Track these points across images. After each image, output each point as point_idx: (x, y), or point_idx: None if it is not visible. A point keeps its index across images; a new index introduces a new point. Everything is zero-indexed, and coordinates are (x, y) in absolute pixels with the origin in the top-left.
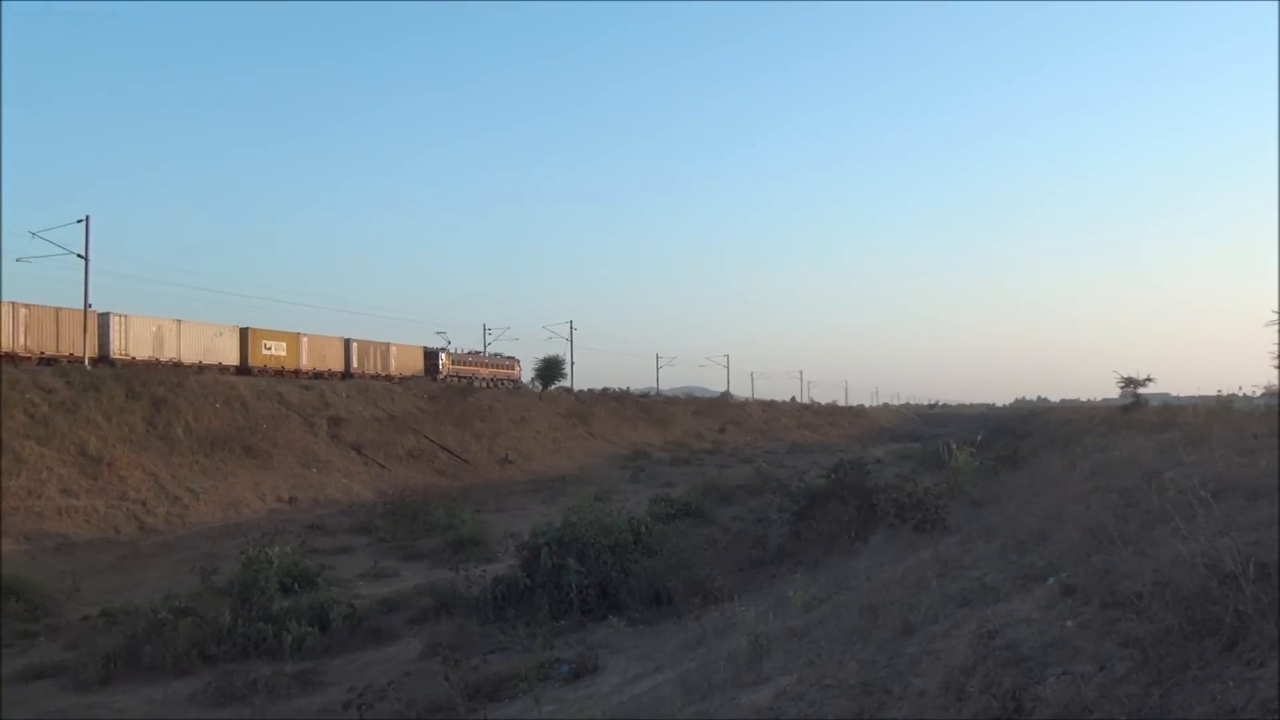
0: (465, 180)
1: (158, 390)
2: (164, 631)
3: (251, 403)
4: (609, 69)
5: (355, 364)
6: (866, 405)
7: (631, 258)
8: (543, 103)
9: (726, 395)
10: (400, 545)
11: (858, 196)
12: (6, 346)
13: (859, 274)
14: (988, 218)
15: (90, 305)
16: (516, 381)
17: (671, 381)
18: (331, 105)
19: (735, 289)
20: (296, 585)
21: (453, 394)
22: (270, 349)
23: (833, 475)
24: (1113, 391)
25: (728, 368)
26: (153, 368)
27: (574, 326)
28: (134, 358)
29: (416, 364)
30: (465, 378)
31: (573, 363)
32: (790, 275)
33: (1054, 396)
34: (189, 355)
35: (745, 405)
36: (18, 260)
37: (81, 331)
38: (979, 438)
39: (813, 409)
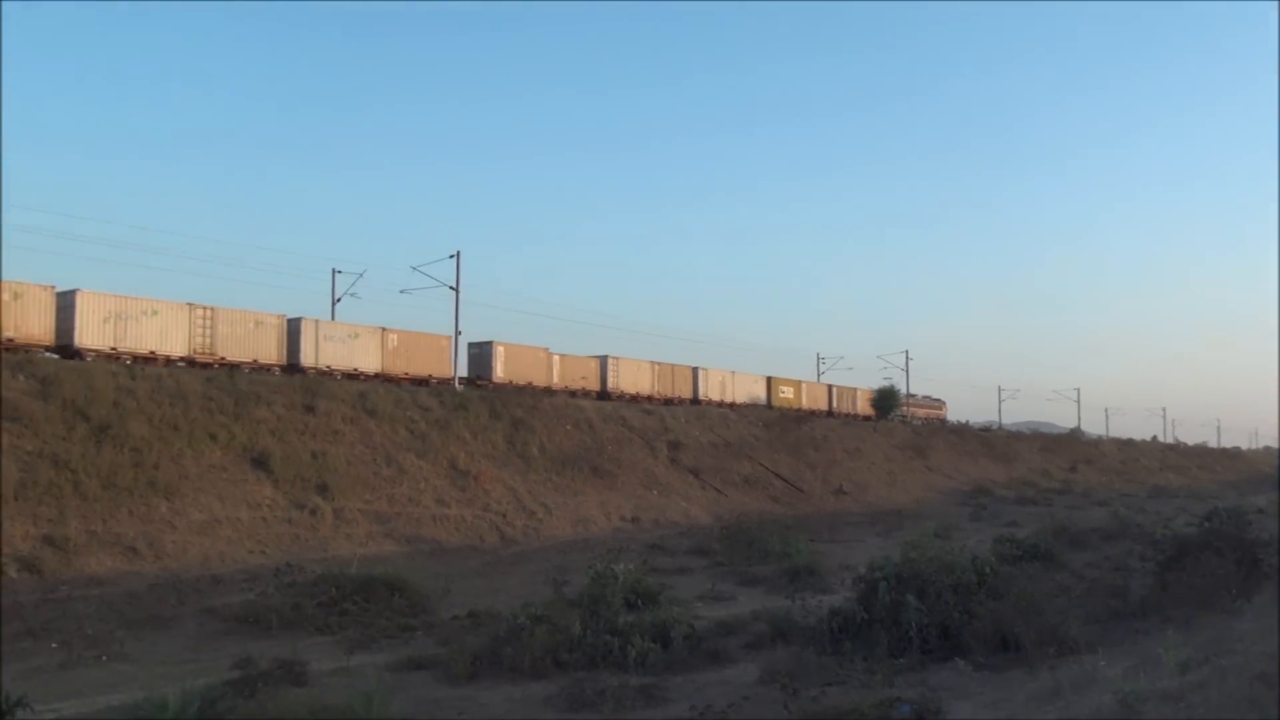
0: (804, 214)
1: (516, 411)
2: (522, 636)
3: (598, 425)
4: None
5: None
6: (1243, 448)
7: (970, 286)
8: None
9: (1077, 432)
10: (736, 570)
11: (1233, 209)
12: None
13: (1232, 301)
14: None
15: (460, 332)
16: (943, 422)
17: (1014, 416)
18: (682, 138)
19: (1085, 319)
20: (640, 602)
21: (787, 422)
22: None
23: (1206, 524)
24: None
25: (1078, 402)
26: (516, 390)
27: (909, 356)
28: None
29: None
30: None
31: (909, 394)
32: (1148, 304)
33: None
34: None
35: (1098, 443)
36: (401, 292)
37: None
38: None
39: (1178, 450)
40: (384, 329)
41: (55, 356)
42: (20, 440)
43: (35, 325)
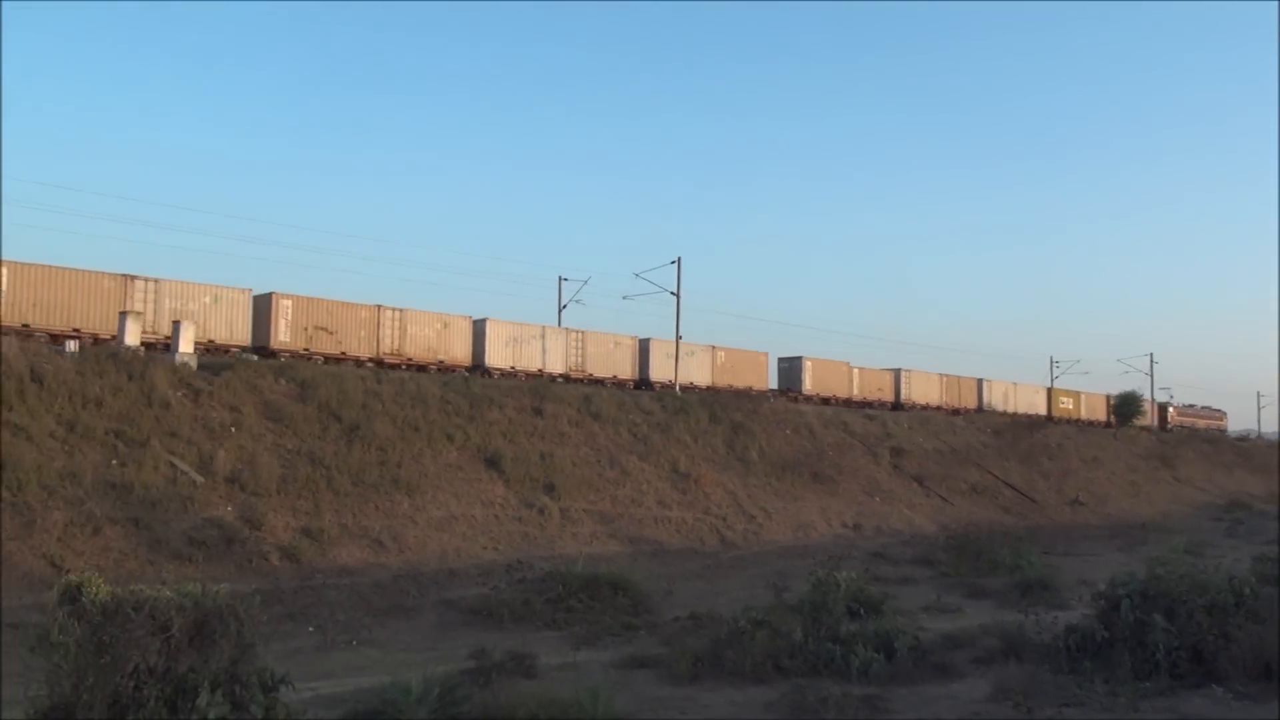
0: (1025, 205)
1: (736, 415)
2: (743, 639)
3: (818, 430)
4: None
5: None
6: None
7: (1223, 281)
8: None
9: None
10: (963, 581)
11: None
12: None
13: None
14: None
15: (680, 337)
16: (1223, 432)
17: (1275, 424)
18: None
19: None
20: (862, 610)
21: (1018, 429)
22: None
23: None
24: None
25: None
26: (735, 395)
27: (1154, 360)
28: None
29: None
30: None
31: (1154, 401)
32: None
33: None
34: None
35: None
36: (623, 298)
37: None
38: None
39: None
40: (714, 347)
41: (467, 372)
42: (282, 439)
43: (458, 349)
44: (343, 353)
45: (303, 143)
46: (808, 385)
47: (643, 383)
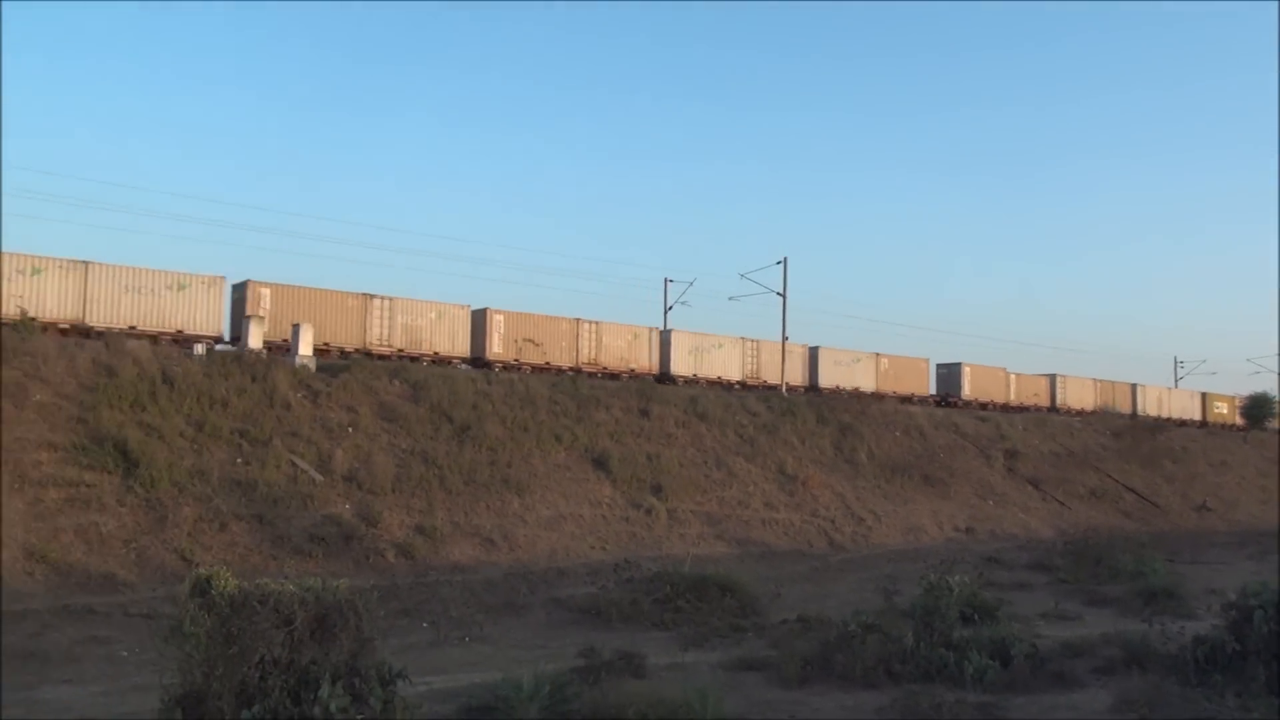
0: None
1: (844, 417)
2: (853, 643)
3: (929, 432)
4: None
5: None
6: None
7: None
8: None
9: None
10: (1082, 588)
11: None
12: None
13: None
14: None
15: (786, 338)
16: None
17: None
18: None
19: None
20: (976, 616)
21: (1140, 431)
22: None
23: None
24: None
25: None
26: (844, 396)
27: None
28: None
29: None
30: None
31: None
32: None
33: None
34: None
35: None
36: (729, 299)
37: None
38: None
39: None
40: (878, 354)
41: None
42: (396, 439)
43: (646, 359)
44: (547, 363)
45: (415, 147)
46: (966, 391)
47: (812, 388)
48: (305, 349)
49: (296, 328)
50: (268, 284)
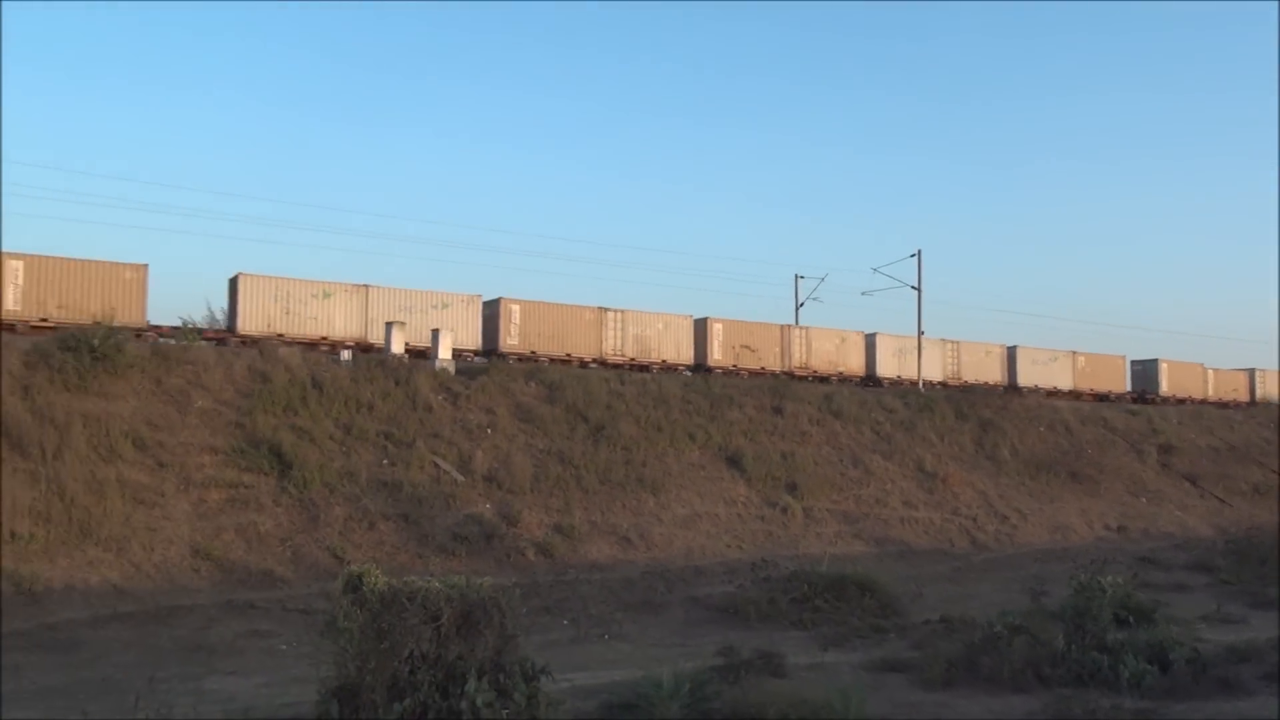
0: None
1: (984, 412)
2: (999, 646)
3: (1075, 427)
4: None
5: None
6: None
7: None
8: None
9: None
10: (1245, 589)
11: None
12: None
13: None
14: None
15: (922, 332)
16: None
17: None
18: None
19: None
20: (1131, 618)
21: None
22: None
23: None
24: None
25: None
26: (983, 391)
27: None
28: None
29: None
30: None
31: None
32: None
33: None
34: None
35: None
36: (862, 294)
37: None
38: None
39: None
40: (1074, 353)
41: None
42: (533, 439)
43: (854, 361)
44: (761, 367)
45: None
46: (1164, 387)
47: (1011, 387)
48: (444, 353)
49: (436, 333)
50: (517, 301)
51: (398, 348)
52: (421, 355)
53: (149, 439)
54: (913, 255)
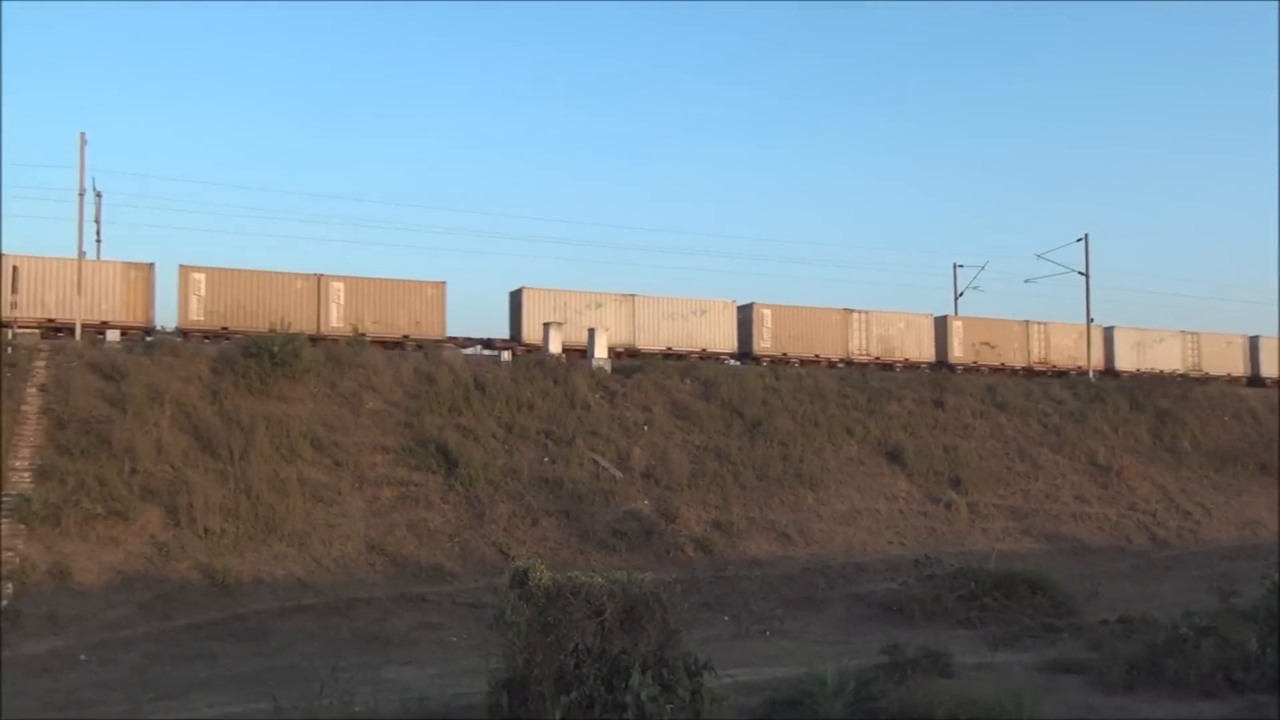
0: None
1: (1161, 402)
2: (1185, 648)
3: (1264, 416)
4: None
5: None
6: None
7: None
8: None
9: None
10: None
11: None
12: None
13: None
14: None
15: (1092, 319)
16: None
17: None
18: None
19: None
20: None
21: None
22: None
23: None
24: None
25: None
26: (1160, 380)
27: None
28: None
29: None
30: None
31: None
32: None
33: None
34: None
35: None
36: (1025, 281)
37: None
38: None
39: None
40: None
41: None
42: (689, 436)
43: (1093, 355)
44: (1002, 364)
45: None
46: None
47: (1254, 379)
48: (600, 352)
49: (592, 332)
50: (768, 305)
51: (555, 348)
52: (679, 357)
53: (325, 439)
54: (1079, 240)
